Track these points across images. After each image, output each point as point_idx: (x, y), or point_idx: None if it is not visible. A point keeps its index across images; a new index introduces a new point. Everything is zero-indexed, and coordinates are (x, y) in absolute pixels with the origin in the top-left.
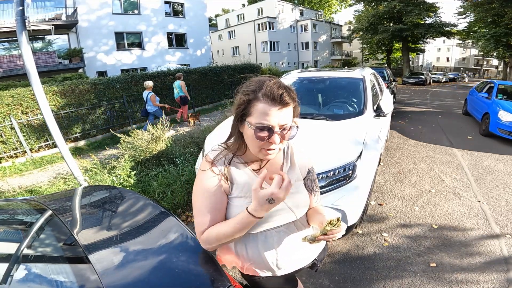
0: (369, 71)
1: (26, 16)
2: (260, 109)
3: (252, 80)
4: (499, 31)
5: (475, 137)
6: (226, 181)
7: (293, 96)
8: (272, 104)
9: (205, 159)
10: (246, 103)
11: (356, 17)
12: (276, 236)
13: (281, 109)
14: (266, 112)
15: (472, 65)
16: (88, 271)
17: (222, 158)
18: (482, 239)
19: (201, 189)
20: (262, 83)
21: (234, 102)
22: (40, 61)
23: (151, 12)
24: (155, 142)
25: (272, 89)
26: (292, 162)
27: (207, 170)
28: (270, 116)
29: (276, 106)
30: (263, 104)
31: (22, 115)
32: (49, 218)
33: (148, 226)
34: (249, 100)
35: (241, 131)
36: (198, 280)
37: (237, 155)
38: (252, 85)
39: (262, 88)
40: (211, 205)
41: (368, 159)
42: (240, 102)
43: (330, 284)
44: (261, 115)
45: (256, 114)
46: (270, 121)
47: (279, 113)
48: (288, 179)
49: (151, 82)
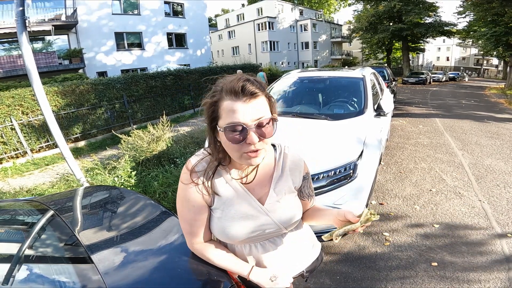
0: (369, 71)
1: (27, 16)
2: (226, 107)
3: (218, 81)
4: (499, 30)
5: (476, 136)
6: (207, 193)
7: (259, 85)
8: (236, 98)
9: (186, 167)
10: (213, 105)
11: (355, 16)
12: (261, 248)
13: (248, 101)
14: (232, 108)
15: (472, 64)
16: (91, 271)
17: (204, 165)
18: (483, 238)
19: (181, 198)
20: (225, 81)
21: (203, 110)
22: (40, 62)
23: (150, 12)
24: (156, 142)
25: (231, 83)
26: (283, 171)
27: (187, 177)
28: (238, 112)
29: (241, 99)
30: (228, 101)
31: (22, 116)
32: (51, 218)
33: (149, 226)
34: (215, 102)
35: (219, 140)
36: (201, 279)
37: (223, 164)
38: (217, 86)
39: (226, 85)
40: (193, 215)
41: (368, 158)
42: (207, 106)
43: (332, 283)
44: (229, 114)
45: (223, 114)
46: (239, 118)
47: (247, 106)
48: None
49: None
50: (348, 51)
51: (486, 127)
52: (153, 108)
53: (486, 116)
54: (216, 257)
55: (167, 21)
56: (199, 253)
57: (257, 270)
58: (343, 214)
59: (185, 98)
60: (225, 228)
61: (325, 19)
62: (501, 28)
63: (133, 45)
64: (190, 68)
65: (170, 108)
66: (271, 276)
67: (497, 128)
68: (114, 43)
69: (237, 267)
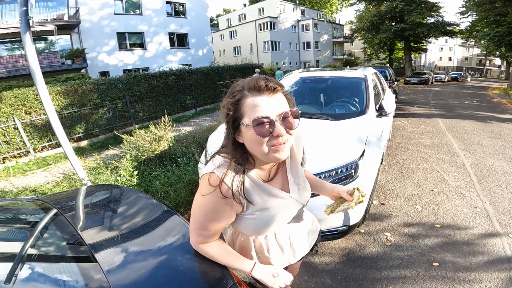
0: (371, 71)
1: (30, 16)
2: (250, 103)
3: (234, 84)
4: (502, 30)
5: (478, 136)
6: (239, 204)
7: (278, 82)
8: (259, 93)
9: (209, 182)
10: (235, 104)
11: (357, 16)
12: (290, 228)
13: (271, 95)
14: (257, 103)
15: (475, 64)
16: (94, 270)
17: (233, 174)
18: (485, 238)
19: (205, 210)
20: (245, 81)
21: (223, 111)
22: (43, 62)
23: (152, 12)
24: (158, 142)
25: (255, 80)
26: (291, 152)
27: (215, 192)
28: (262, 106)
29: (264, 93)
30: (251, 97)
31: (25, 115)
32: (55, 217)
33: (152, 225)
34: (237, 101)
35: (240, 141)
36: (203, 278)
37: (248, 168)
38: (235, 87)
39: (248, 85)
40: (216, 224)
41: (370, 158)
42: (228, 106)
43: (333, 283)
44: (253, 109)
45: (248, 111)
46: (264, 111)
47: (270, 100)
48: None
49: None
50: (350, 51)
51: (488, 127)
52: (155, 107)
53: (488, 116)
54: (221, 255)
55: (169, 21)
56: (204, 252)
57: (260, 266)
58: (337, 191)
59: (186, 98)
60: (264, 226)
61: (326, 19)
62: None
63: (135, 45)
64: (191, 68)
65: (172, 108)
66: (273, 272)
67: (499, 128)
68: (116, 43)
69: (240, 264)
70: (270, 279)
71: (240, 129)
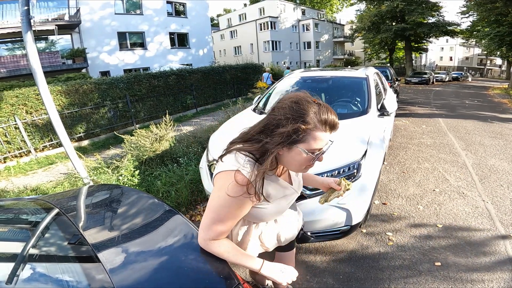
0: (372, 70)
1: (32, 16)
2: (317, 136)
3: (298, 103)
4: (503, 30)
5: (480, 136)
6: (258, 199)
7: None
8: (329, 131)
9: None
10: (303, 131)
11: (358, 16)
12: (286, 213)
13: (331, 132)
14: (321, 138)
15: (476, 64)
16: (98, 270)
17: (256, 173)
18: (487, 238)
19: (230, 208)
20: (318, 110)
21: (283, 127)
22: (44, 61)
23: (153, 12)
24: (159, 141)
25: (332, 118)
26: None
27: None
28: (323, 140)
29: (331, 132)
30: (321, 132)
31: (26, 115)
32: (57, 217)
33: (155, 224)
34: (308, 129)
35: (280, 153)
36: (207, 278)
37: (270, 169)
38: (307, 112)
39: (319, 116)
40: (236, 219)
41: (372, 158)
42: (294, 129)
43: (335, 283)
44: (316, 142)
45: (311, 141)
46: (322, 145)
47: (329, 136)
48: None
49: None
50: (351, 51)
51: (490, 127)
52: (155, 107)
53: (489, 116)
54: (230, 253)
55: (169, 21)
56: (213, 248)
57: (268, 264)
58: (327, 183)
59: (187, 98)
60: (271, 214)
61: (327, 19)
62: (505, 28)
63: (136, 44)
64: (192, 68)
65: (173, 107)
66: (281, 268)
67: (501, 128)
68: (117, 42)
69: (249, 262)
70: (279, 275)
71: (292, 148)
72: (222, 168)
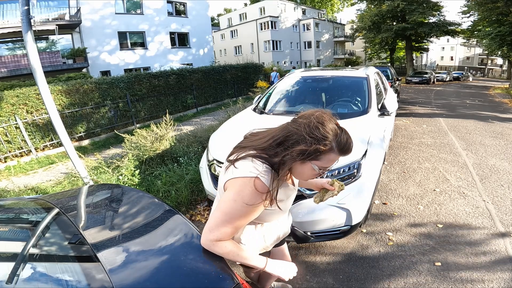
0: (373, 70)
1: (32, 15)
2: (331, 158)
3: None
4: (504, 30)
5: (480, 136)
6: (271, 203)
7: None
8: (343, 154)
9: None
10: (321, 152)
11: (358, 16)
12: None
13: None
14: (334, 159)
15: (477, 64)
16: (97, 269)
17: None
18: (487, 238)
19: (247, 212)
20: (337, 135)
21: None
22: (44, 61)
23: (153, 12)
24: (159, 141)
25: (349, 144)
26: None
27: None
28: (335, 161)
29: (344, 155)
30: (335, 155)
31: (27, 115)
32: (57, 216)
33: (154, 224)
34: (326, 151)
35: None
36: (207, 278)
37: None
38: (328, 135)
39: (339, 141)
40: (246, 221)
41: (373, 158)
42: (316, 150)
43: (335, 283)
44: (328, 161)
45: (325, 161)
46: (333, 165)
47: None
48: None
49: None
50: (351, 51)
51: (490, 127)
52: (156, 107)
53: (490, 116)
54: (235, 253)
55: (170, 21)
56: (219, 249)
57: (272, 262)
58: (320, 183)
59: (188, 97)
60: (277, 214)
61: (327, 18)
62: (506, 28)
63: (136, 44)
64: (192, 68)
65: (173, 107)
66: (283, 265)
67: (502, 128)
68: (117, 42)
69: (254, 261)
70: (283, 271)
71: (306, 162)
72: (239, 174)
